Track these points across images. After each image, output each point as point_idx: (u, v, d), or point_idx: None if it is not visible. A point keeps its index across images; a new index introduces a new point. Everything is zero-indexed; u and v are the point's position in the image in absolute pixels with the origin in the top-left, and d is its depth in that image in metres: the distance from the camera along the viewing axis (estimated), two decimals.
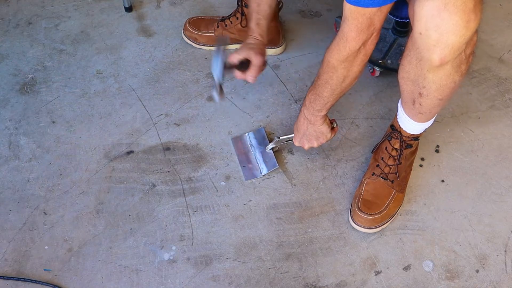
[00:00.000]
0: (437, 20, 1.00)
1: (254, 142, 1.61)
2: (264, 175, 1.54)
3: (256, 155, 1.58)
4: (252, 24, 1.50)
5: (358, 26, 1.13)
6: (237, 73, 1.44)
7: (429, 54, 1.08)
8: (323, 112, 1.38)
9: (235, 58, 1.42)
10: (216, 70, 1.35)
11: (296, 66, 1.83)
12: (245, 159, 1.58)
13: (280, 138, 1.55)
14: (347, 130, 1.65)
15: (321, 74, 1.29)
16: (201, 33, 1.85)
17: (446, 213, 1.47)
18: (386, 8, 1.11)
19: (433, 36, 1.03)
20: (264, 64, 1.47)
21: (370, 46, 1.19)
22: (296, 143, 1.50)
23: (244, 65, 1.44)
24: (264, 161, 1.56)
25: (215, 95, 1.40)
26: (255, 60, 1.43)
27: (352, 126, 1.65)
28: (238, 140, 1.62)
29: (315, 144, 1.47)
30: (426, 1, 1.00)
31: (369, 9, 1.09)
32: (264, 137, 1.62)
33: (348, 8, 1.12)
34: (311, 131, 1.44)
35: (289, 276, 1.37)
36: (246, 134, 1.64)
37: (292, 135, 1.52)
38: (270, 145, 1.57)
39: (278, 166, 1.54)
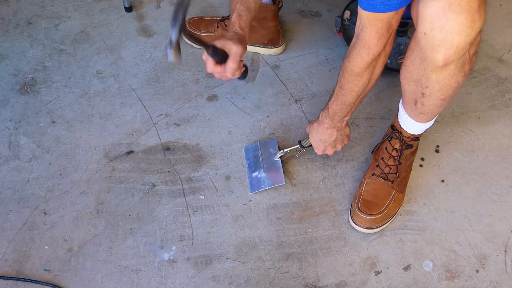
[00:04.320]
0: (442, 21, 1.00)
1: (264, 151, 1.58)
2: (268, 188, 1.51)
3: (264, 166, 1.55)
4: (233, 16, 1.34)
5: (379, 32, 1.14)
6: (214, 67, 1.27)
7: (433, 54, 1.08)
8: (349, 117, 1.40)
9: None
10: (175, 23, 1.10)
11: (296, 66, 1.83)
12: (253, 169, 1.55)
13: (285, 150, 1.53)
14: None
15: (343, 84, 1.29)
16: (201, 33, 1.85)
17: (446, 213, 1.47)
18: (402, 9, 1.11)
19: (437, 36, 1.03)
20: (243, 53, 1.28)
21: (389, 47, 1.20)
22: (320, 153, 1.49)
23: (221, 56, 1.26)
24: (270, 174, 1.53)
25: (169, 53, 1.16)
26: (234, 49, 1.25)
27: (352, 126, 1.65)
28: (249, 151, 1.59)
29: (340, 148, 1.49)
30: (431, 1, 1.00)
31: (387, 13, 1.10)
32: (276, 147, 1.58)
33: (365, 17, 1.13)
34: (338, 137, 1.45)
35: (289, 276, 1.37)
36: (258, 142, 1.61)
37: (297, 146, 1.52)
38: (279, 154, 1.54)
39: (284, 183, 1.51)
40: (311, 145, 1.51)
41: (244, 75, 1.34)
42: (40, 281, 1.36)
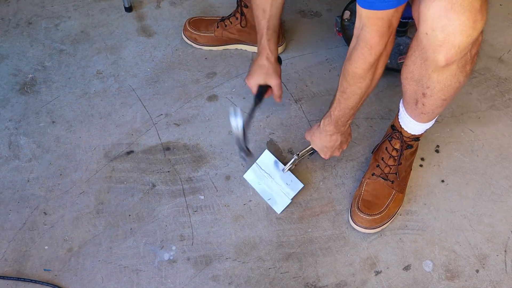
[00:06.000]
0: (444, 21, 1.00)
1: (266, 169, 1.52)
2: (292, 198, 1.47)
3: (275, 181, 1.50)
4: (264, 40, 1.48)
5: (379, 31, 1.12)
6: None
7: (435, 55, 1.08)
8: (351, 119, 1.38)
9: (254, 87, 1.52)
10: (240, 139, 1.40)
11: (296, 66, 1.83)
12: (268, 191, 1.50)
13: (299, 154, 1.49)
14: None
15: (346, 88, 1.27)
16: (201, 34, 1.85)
17: (446, 213, 1.47)
18: (402, 7, 1.10)
19: (439, 36, 1.03)
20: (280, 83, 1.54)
21: (389, 46, 1.18)
22: (328, 157, 1.47)
23: (263, 88, 1.52)
24: (286, 184, 1.49)
25: (244, 156, 1.46)
26: (274, 82, 1.51)
27: (352, 126, 1.65)
28: (251, 175, 1.53)
29: (345, 147, 1.48)
30: (433, 1, 1.00)
31: (386, 11, 1.09)
32: (274, 159, 1.53)
33: (365, 16, 1.11)
34: (342, 139, 1.43)
35: (289, 276, 1.37)
36: (255, 164, 1.52)
37: (310, 147, 1.49)
38: (288, 166, 1.49)
39: (304, 186, 1.47)
40: (313, 152, 1.49)
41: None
42: (40, 281, 1.36)
